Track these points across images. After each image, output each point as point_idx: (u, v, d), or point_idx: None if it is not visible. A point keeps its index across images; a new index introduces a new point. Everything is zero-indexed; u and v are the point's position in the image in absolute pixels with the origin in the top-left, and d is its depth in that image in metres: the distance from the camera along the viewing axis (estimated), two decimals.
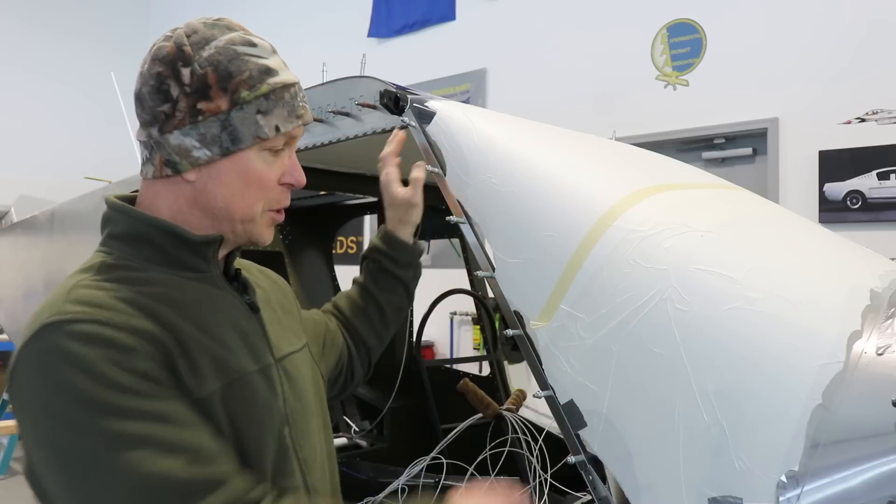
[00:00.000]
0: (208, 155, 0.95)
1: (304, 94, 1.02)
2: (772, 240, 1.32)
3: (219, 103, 0.93)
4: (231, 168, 0.96)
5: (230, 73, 0.94)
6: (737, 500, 0.92)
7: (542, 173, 1.23)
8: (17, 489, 4.77)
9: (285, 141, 1.00)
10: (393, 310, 1.40)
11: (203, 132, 0.94)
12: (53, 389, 0.82)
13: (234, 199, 0.98)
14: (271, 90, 0.96)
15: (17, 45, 7.34)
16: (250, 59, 0.96)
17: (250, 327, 1.02)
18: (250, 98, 0.94)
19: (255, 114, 0.95)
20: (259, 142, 0.96)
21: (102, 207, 1.02)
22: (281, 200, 1.03)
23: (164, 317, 0.90)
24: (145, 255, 0.96)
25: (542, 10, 4.96)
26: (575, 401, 1.07)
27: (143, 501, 0.80)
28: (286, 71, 1.00)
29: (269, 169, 0.99)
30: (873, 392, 0.92)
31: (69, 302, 0.86)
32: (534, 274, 1.15)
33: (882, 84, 3.55)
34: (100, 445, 0.80)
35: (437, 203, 1.47)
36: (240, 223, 0.99)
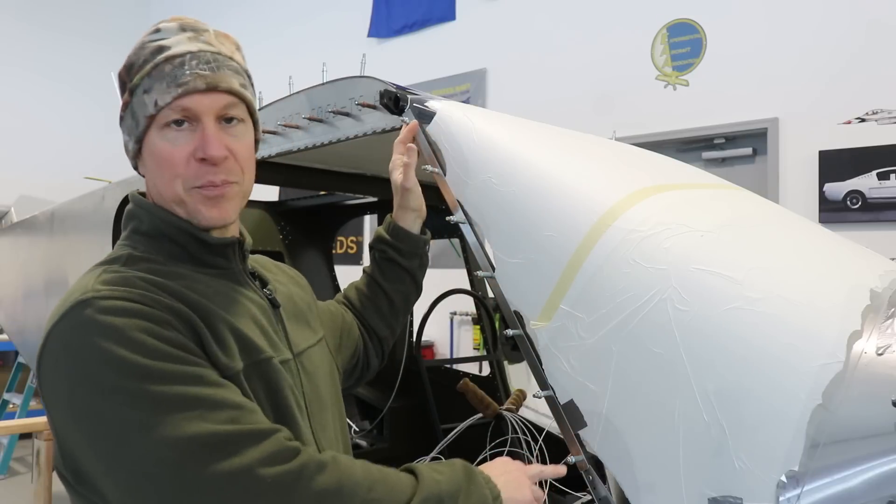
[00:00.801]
0: (132, 145, 1.01)
1: (203, 61, 0.97)
2: (772, 240, 1.32)
3: (126, 96, 0.99)
4: (146, 154, 1.00)
5: (132, 64, 0.98)
6: (737, 500, 0.92)
7: (542, 173, 1.23)
8: (17, 489, 4.77)
9: (182, 115, 0.96)
10: (401, 298, 1.41)
11: (127, 124, 1.00)
12: (91, 361, 0.83)
13: (158, 183, 1.00)
14: (154, 67, 0.96)
15: (17, 45, 7.33)
16: (147, 45, 0.98)
17: (270, 322, 1.04)
18: (139, 81, 0.97)
19: (143, 94, 0.97)
20: (149, 120, 0.97)
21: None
22: (201, 176, 0.97)
23: (191, 300, 0.93)
24: (168, 252, 0.99)
25: (542, 10, 4.95)
26: (575, 401, 1.07)
27: (192, 459, 0.81)
28: (184, 44, 0.97)
29: (174, 146, 0.96)
30: (873, 392, 0.92)
31: (99, 283, 0.90)
32: (534, 274, 1.15)
33: (882, 84, 3.55)
34: (144, 410, 0.82)
35: (438, 203, 1.47)
36: (177, 206, 0.99)
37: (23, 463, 5.23)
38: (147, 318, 0.86)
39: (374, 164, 2.12)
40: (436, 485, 0.92)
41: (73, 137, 7.43)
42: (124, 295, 0.87)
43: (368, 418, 2.86)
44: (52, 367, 0.87)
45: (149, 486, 0.82)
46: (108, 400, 0.82)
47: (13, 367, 5.33)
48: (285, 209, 3.12)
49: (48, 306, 3.43)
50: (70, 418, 0.86)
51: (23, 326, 3.98)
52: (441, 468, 0.97)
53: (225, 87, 0.97)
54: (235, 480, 0.81)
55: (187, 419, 0.82)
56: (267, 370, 0.97)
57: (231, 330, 0.95)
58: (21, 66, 7.32)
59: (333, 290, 3.25)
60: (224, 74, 0.98)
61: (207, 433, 0.82)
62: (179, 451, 0.81)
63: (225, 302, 0.98)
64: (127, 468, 0.82)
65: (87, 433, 0.84)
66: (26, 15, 7.46)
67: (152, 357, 0.83)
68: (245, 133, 1.02)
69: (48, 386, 0.88)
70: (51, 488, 2.98)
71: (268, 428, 0.87)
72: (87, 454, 0.86)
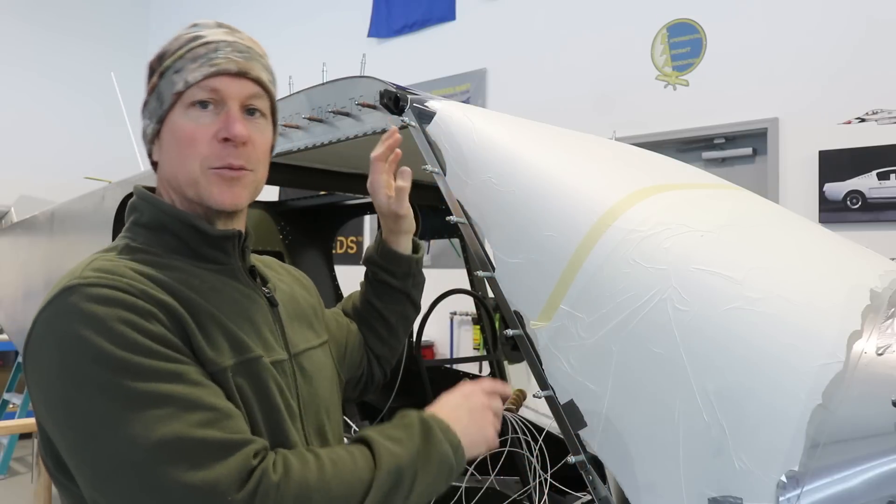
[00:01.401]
0: (152, 127, 1.01)
1: (243, 51, 1.00)
2: (772, 240, 1.32)
3: (154, 79, 1.01)
4: (166, 134, 1.00)
5: (164, 52, 1.01)
6: (737, 500, 0.92)
7: (542, 173, 1.23)
8: (17, 489, 4.77)
9: (209, 95, 0.97)
10: (398, 317, 1.37)
11: (150, 108, 1.01)
12: (69, 349, 0.82)
13: (174, 164, 1.00)
14: (188, 50, 0.99)
15: (17, 45, 7.33)
16: (182, 36, 1.01)
17: (266, 320, 1.03)
18: (171, 63, 0.99)
19: (172, 74, 0.99)
20: (176, 97, 0.98)
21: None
22: (221, 157, 0.97)
23: (182, 294, 0.92)
24: (167, 244, 0.99)
25: (542, 10, 4.95)
26: (575, 401, 1.07)
27: (158, 460, 0.79)
28: (220, 34, 1.01)
29: (198, 125, 0.97)
30: (873, 392, 0.92)
31: (89, 269, 0.89)
32: (534, 274, 1.15)
33: (882, 84, 3.55)
34: (116, 404, 0.80)
35: (437, 203, 1.47)
36: (187, 187, 0.99)
37: (23, 463, 5.23)
38: (131, 309, 0.85)
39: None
40: (393, 458, 0.90)
41: (73, 137, 7.43)
42: (111, 283, 0.86)
43: (368, 418, 2.86)
44: (35, 353, 0.87)
45: (116, 483, 0.80)
46: (81, 391, 0.81)
47: (13, 367, 5.33)
48: (285, 209, 3.12)
49: None
50: (46, 405, 0.85)
51: (23, 326, 3.98)
52: (396, 433, 0.95)
53: (254, 76, 1.00)
54: (198, 495, 0.79)
55: (158, 418, 0.80)
56: (255, 369, 0.95)
57: (220, 327, 0.94)
58: (21, 67, 7.32)
59: (333, 290, 3.25)
60: (255, 65, 1.01)
61: (175, 437, 0.79)
62: (145, 452, 0.79)
63: (219, 298, 0.97)
64: (93, 462, 0.81)
65: (60, 422, 0.84)
66: (26, 15, 7.46)
67: (131, 350, 0.82)
68: (265, 128, 1.04)
69: (30, 371, 0.88)
70: (51, 488, 2.98)
71: (238, 439, 0.84)
72: (62, 445, 0.85)
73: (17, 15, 7.40)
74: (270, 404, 0.96)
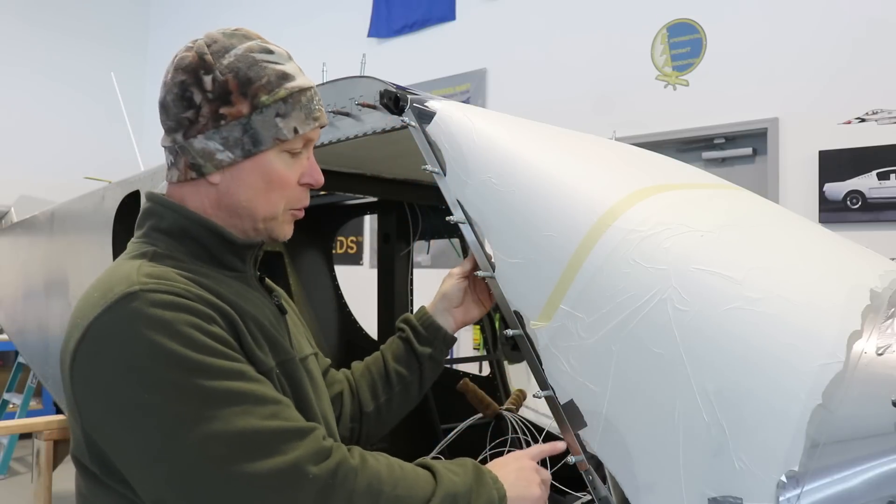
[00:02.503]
0: (231, 157, 1.00)
1: (320, 98, 1.07)
2: (772, 240, 1.32)
3: (240, 108, 0.99)
4: (253, 169, 1.02)
5: (249, 78, 0.99)
6: (737, 500, 0.92)
7: (542, 173, 1.23)
8: (17, 489, 4.77)
9: (304, 143, 1.04)
10: (398, 381, 1.33)
11: (226, 136, 0.99)
12: (139, 353, 0.84)
13: (257, 199, 1.03)
14: (289, 94, 1.01)
15: (17, 45, 7.33)
16: (268, 66, 1.01)
17: (279, 326, 1.08)
18: (269, 102, 0.99)
19: (275, 117, 1.00)
20: (279, 143, 1.01)
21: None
22: (301, 199, 1.08)
23: (225, 297, 0.96)
24: (188, 251, 1.02)
25: (542, 10, 4.95)
26: (575, 401, 1.07)
27: (240, 452, 0.83)
28: (302, 76, 1.05)
29: (289, 170, 1.04)
30: (873, 392, 0.92)
31: (143, 276, 0.91)
32: (534, 274, 1.15)
33: (882, 84, 3.55)
34: (193, 403, 0.84)
35: (437, 203, 1.47)
36: (262, 221, 1.04)
37: (23, 463, 5.23)
38: (193, 313, 0.88)
39: (374, 164, 2.11)
40: (452, 484, 0.96)
41: (73, 138, 7.43)
42: (170, 289, 0.89)
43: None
44: (91, 358, 0.87)
45: (196, 479, 0.83)
46: (155, 392, 0.84)
47: (13, 367, 5.33)
48: None
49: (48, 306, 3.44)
50: (109, 409, 0.86)
51: (23, 326, 3.98)
52: (454, 467, 1.01)
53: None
54: (281, 476, 0.83)
55: (235, 414, 0.84)
56: (293, 370, 1.02)
57: (261, 329, 0.99)
58: (21, 67, 7.32)
59: (333, 290, 3.24)
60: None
61: (254, 429, 0.84)
62: (228, 446, 0.83)
63: (248, 303, 1.02)
64: (173, 462, 0.83)
65: (129, 426, 0.85)
66: (26, 15, 7.46)
67: (200, 352, 0.86)
68: None
69: (84, 376, 0.88)
70: (51, 488, 2.98)
71: (307, 426, 0.91)
72: (126, 447, 0.86)
73: (17, 15, 7.40)
74: (306, 403, 1.03)
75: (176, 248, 1.01)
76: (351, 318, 3.21)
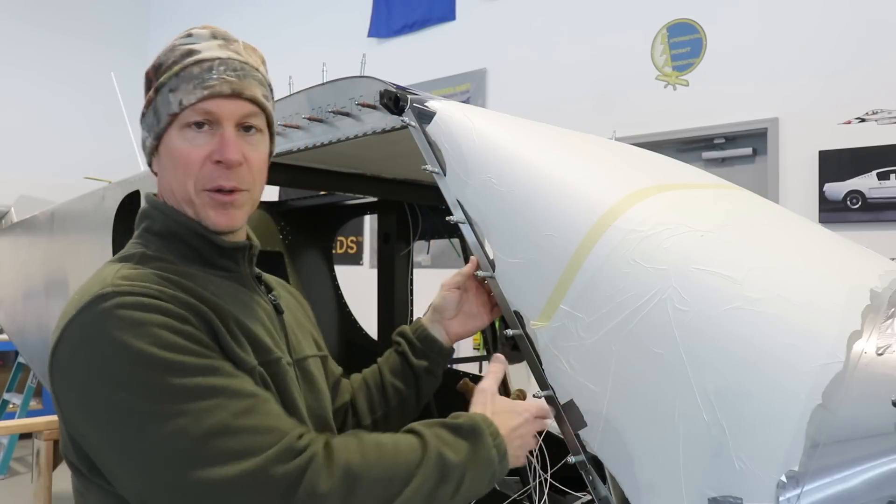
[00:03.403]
0: (150, 141, 1.03)
1: (237, 69, 1.00)
2: (772, 240, 1.32)
3: (151, 93, 1.01)
4: (164, 151, 1.02)
5: (160, 63, 1.02)
6: (737, 500, 0.92)
7: (542, 173, 1.23)
8: (17, 489, 4.77)
9: (204, 117, 0.98)
10: (394, 395, 1.31)
11: (148, 121, 1.03)
12: (109, 353, 0.85)
13: (171, 182, 1.02)
14: (183, 68, 0.99)
15: (17, 45, 7.33)
16: (178, 48, 1.01)
17: (273, 325, 1.07)
18: (166, 80, 0.99)
19: (168, 93, 0.99)
20: (171, 118, 0.99)
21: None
22: (213, 179, 0.99)
23: (206, 298, 0.95)
24: (180, 252, 1.02)
25: (542, 10, 4.95)
26: (575, 401, 1.07)
27: (208, 448, 0.82)
28: (214, 50, 1.01)
29: (192, 146, 0.99)
30: (873, 392, 0.92)
31: (118, 278, 0.91)
32: (534, 274, 1.15)
33: (882, 84, 3.55)
34: (161, 399, 0.83)
35: (437, 203, 1.46)
36: (186, 207, 1.02)
37: (23, 463, 5.23)
38: (164, 313, 0.88)
39: (374, 164, 2.11)
40: (439, 457, 0.94)
41: (73, 138, 7.42)
42: (143, 290, 0.89)
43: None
44: (67, 358, 0.88)
45: (165, 475, 0.83)
46: (124, 391, 0.84)
47: (13, 367, 5.33)
48: (285, 209, 3.12)
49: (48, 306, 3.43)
50: (83, 409, 0.87)
51: (23, 326, 3.98)
52: (446, 435, 0.97)
53: (249, 96, 1.00)
54: (245, 477, 0.82)
55: (205, 410, 0.83)
56: (277, 370, 1.00)
57: (242, 329, 0.98)
58: (21, 67, 7.31)
59: (333, 290, 3.24)
60: (249, 83, 1.01)
61: (223, 425, 0.83)
62: (195, 442, 0.82)
63: (235, 303, 1.01)
64: (143, 458, 0.84)
65: (102, 423, 0.86)
66: (26, 15, 7.46)
67: (170, 350, 0.85)
68: (261, 143, 1.05)
69: (61, 377, 0.89)
70: (51, 488, 2.97)
71: (280, 424, 0.89)
72: (101, 444, 0.87)
73: (17, 15, 7.40)
74: (291, 403, 1.00)
75: (167, 250, 1.01)
76: (351, 318, 3.21)
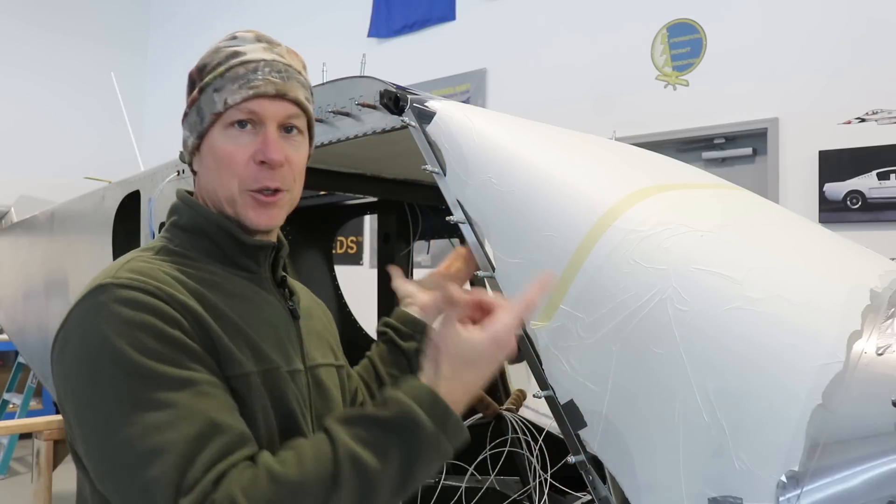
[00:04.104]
0: (192, 140, 1.03)
1: (281, 71, 1.01)
2: (772, 240, 1.32)
3: (195, 93, 1.02)
4: (206, 150, 1.02)
5: (205, 65, 1.02)
6: (737, 500, 0.92)
7: (542, 173, 1.23)
8: (17, 489, 4.77)
9: (248, 116, 0.98)
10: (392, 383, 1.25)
11: (190, 121, 1.03)
12: (92, 347, 0.86)
13: (213, 181, 1.02)
14: (228, 69, 1.00)
15: (17, 45, 7.32)
16: (223, 49, 1.02)
17: (287, 332, 1.05)
18: (211, 80, 1.00)
19: (213, 92, 1.00)
20: (215, 118, 1.00)
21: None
22: (258, 179, 0.99)
23: (210, 301, 0.94)
24: (203, 248, 1.02)
25: (542, 10, 4.95)
26: (575, 401, 1.07)
27: (147, 466, 0.81)
28: (259, 52, 1.02)
29: (236, 146, 0.99)
30: (873, 392, 0.92)
31: (124, 269, 0.92)
32: (534, 274, 1.15)
33: (882, 84, 3.55)
34: (123, 405, 0.83)
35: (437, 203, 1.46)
36: (227, 206, 1.01)
37: (23, 463, 5.23)
38: (155, 313, 0.87)
39: (374, 164, 2.11)
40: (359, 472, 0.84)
41: (73, 138, 7.42)
42: (140, 285, 0.89)
43: None
44: (61, 346, 0.90)
45: (109, 478, 0.84)
46: (96, 388, 0.84)
47: (13, 367, 5.33)
48: None
49: (48, 306, 3.44)
50: (68, 396, 0.89)
51: (23, 326, 3.98)
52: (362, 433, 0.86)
53: (292, 97, 1.01)
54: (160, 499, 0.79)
55: (155, 426, 0.81)
56: (275, 379, 0.98)
57: (243, 335, 0.96)
58: (21, 67, 7.31)
59: (333, 290, 3.24)
60: (293, 85, 1.02)
61: (164, 447, 0.80)
62: (138, 456, 0.81)
63: (246, 306, 1.00)
64: (98, 457, 0.85)
65: (77, 414, 0.87)
66: (26, 15, 7.46)
67: (147, 355, 0.84)
68: (302, 144, 1.05)
69: (57, 362, 0.91)
70: (51, 488, 2.98)
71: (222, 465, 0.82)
72: (73, 429, 0.89)
73: (18, 15, 7.40)
74: (288, 413, 0.97)
75: (191, 245, 1.02)
76: (351, 318, 3.21)
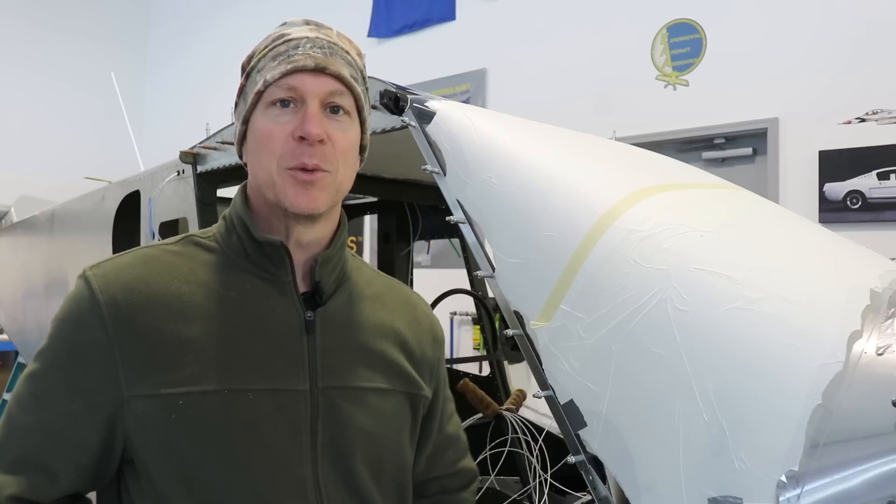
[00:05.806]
0: (239, 127, 1.00)
1: (324, 47, 0.97)
2: (772, 240, 1.32)
3: (242, 79, 1.00)
4: (249, 134, 0.99)
5: (253, 52, 1.00)
6: (737, 500, 0.92)
7: (542, 173, 1.23)
8: None
9: (287, 94, 0.94)
10: None
11: (237, 111, 1.01)
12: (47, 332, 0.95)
13: (255, 165, 0.98)
14: (270, 49, 0.98)
15: (17, 45, 7.32)
16: (272, 35, 1.01)
17: (293, 346, 0.96)
18: (255, 63, 0.99)
19: (255, 74, 0.98)
20: (257, 97, 0.96)
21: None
22: (295, 155, 0.93)
23: (176, 307, 0.92)
24: (230, 242, 1.00)
25: (542, 10, 4.95)
26: (575, 401, 1.07)
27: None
28: (304, 31, 0.99)
29: (276, 123, 0.94)
30: (873, 392, 0.92)
31: (102, 262, 0.96)
32: (534, 274, 1.15)
33: (882, 84, 3.55)
34: (12, 403, 0.93)
35: (437, 203, 1.46)
36: (268, 189, 0.95)
37: None
38: (83, 314, 0.90)
39: (374, 164, 2.11)
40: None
41: (73, 138, 7.42)
42: (94, 283, 0.92)
43: None
44: None
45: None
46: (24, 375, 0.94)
47: (13, 367, 5.33)
48: None
49: (48, 306, 3.43)
50: None
51: (23, 326, 3.98)
52: None
53: (334, 71, 0.95)
54: None
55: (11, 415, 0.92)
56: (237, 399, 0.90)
57: (205, 349, 0.90)
58: (21, 66, 7.31)
59: None
60: (335, 60, 0.97)
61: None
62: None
63: (242, 314, 0.94)
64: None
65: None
66: (26, 15, 7.45)
67: (47, 361, 0.92)
68: (350, 127, 0.99)
69: None
70: None
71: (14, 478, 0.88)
72: None
73: (18, 15, 7.39)
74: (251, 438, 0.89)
75: (223, 238, 1.00)
76: None
